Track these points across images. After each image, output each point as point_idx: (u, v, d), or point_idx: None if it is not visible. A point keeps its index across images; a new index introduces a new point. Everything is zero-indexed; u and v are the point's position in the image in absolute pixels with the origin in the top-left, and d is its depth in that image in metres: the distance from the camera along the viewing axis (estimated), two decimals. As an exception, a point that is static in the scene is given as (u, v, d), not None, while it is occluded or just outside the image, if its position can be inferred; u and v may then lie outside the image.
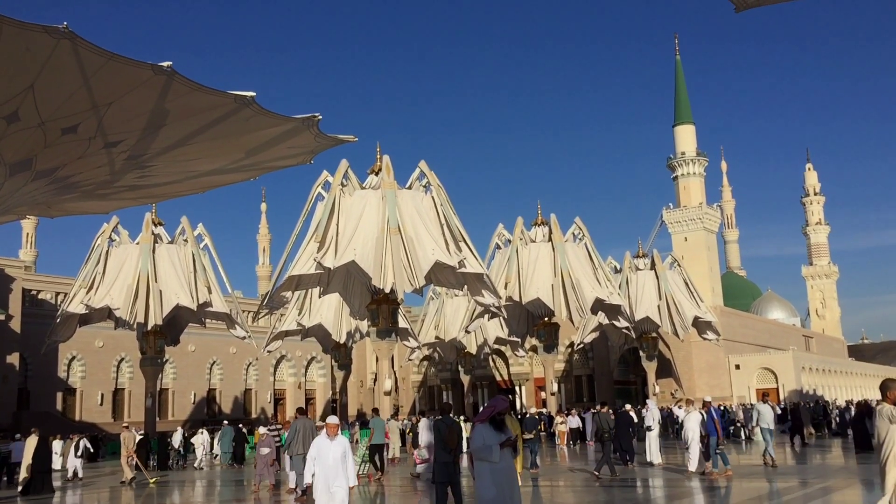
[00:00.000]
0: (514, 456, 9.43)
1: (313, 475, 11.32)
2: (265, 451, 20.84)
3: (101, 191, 35.27)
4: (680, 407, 23.66)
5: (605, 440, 21.82)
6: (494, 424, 9.51)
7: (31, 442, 23.11)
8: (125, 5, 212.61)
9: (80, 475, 29.26)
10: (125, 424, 31.10)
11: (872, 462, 19.50)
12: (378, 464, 23.27)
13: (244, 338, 50.55)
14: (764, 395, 21.49)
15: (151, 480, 25.29)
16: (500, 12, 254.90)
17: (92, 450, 40.88)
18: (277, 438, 25.21)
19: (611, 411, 25.88)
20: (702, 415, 19.83)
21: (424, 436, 23.85)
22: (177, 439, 37.80)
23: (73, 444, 30.76)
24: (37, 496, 22.25)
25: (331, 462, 11.14)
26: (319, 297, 51.52)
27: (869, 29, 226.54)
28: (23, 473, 23.06)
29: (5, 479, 28.46)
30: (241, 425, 41.72)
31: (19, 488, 23.34)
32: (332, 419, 11.72)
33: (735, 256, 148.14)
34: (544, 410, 51.45)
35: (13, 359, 56.84)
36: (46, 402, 60.28)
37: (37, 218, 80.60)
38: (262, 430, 22.33)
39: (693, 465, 20.22)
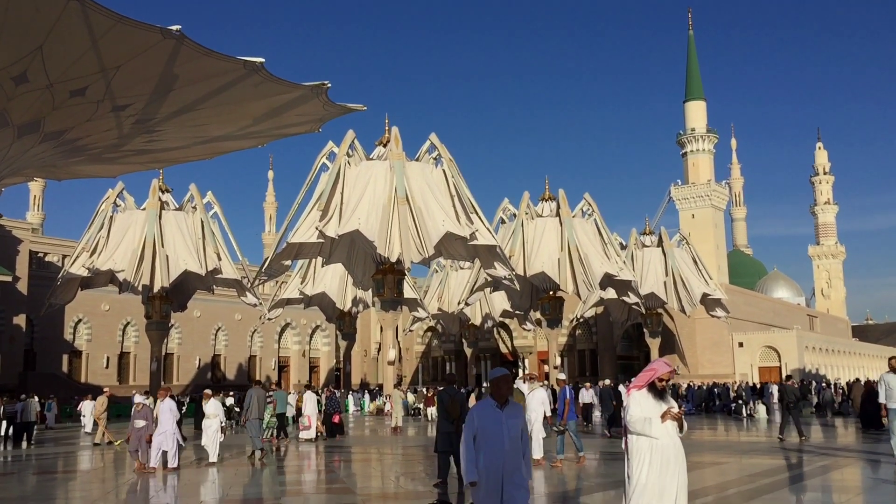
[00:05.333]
0: (679, 431, 7.79)
1: (477, 466, 6.93)
2: (140, 423, 17.83)
3: (108, 154, 35.30)
4: (524, 382, 20.38)
5: (790, 407, 23.72)
6: (654, 392, 7.92)
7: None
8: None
9: None
10: (105, 389, 31.26)
11: (883, 440, 19.71)
12: (282, 431, 25.98)
13: (255, 305, 50.87)
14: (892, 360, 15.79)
15: (117, 443, 25.61)
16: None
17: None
18: (272, 401, 26.47)
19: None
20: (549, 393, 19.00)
21: (308, 407, 26.72)
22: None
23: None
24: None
25: (506, 444, 6.97)
26: (322, 266, 51.64)
27: (883, 8, 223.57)
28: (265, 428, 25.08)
29: (12, 437, 28.66)
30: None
31: None
32: (501, 371, 7.44)
33: (742, 234, 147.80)
34: (545, 383, 51.69)
35: (20, 320, 57.23)
36: (52, 364, 60.78)
37: (44, 180, 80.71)
38: (138, 398, 19.28)
39: (537, 453, 16.91)
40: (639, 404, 7.75)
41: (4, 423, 28.80)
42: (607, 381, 28.81)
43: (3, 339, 55.55)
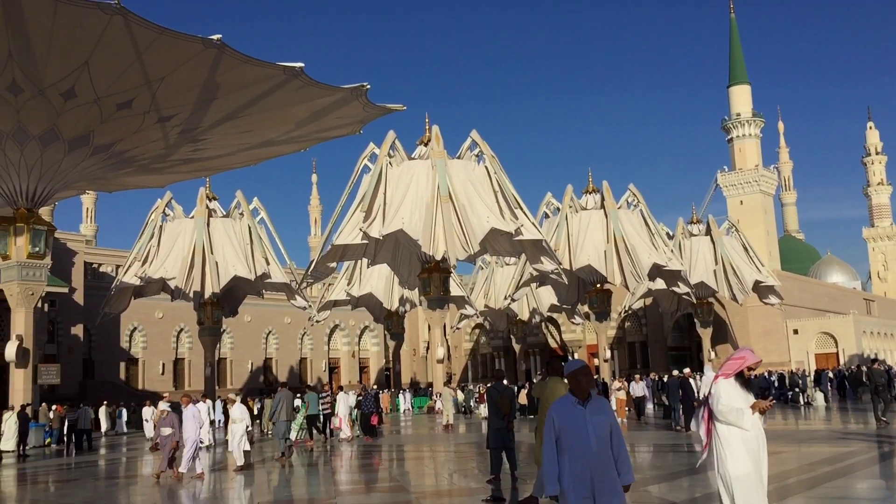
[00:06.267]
0: (762, 422, 7.47)
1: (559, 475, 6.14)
2: (167, 430, 17.24)
3: (156, 164, 35.91)
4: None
5: (879, 392, 24.42)
6: (742, 381, 7.42)
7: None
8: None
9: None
10: (164, 394, 31.86)
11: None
12: (316, 431, 26.26)
13: (305, 308, 51.45)
14: None
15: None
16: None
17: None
18: (327, 406, 26.56)
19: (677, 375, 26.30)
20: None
21: (341, 408, 27.28)
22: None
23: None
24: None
25: (594, 445, 6.11)
26: (368, 267, 51.97)
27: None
28: (296, 429, 25.44)
29: (73, 444, 29.47)
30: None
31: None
32: (579, 363, 6.51)
33: (793, 219, 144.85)
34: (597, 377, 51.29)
35: (77, 330, 58.65)
36: (110, 372, 62.17)
37: (96, 193, 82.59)
38: (162, 405, 18.48)
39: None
40: (728, 394, 7.44)
41: (66, 429, 29.75)
42: (676, 372, 27.39)
43: (62, 350, 57.00)
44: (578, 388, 6.31)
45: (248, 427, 19.48)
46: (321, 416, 26.60)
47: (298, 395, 29.63)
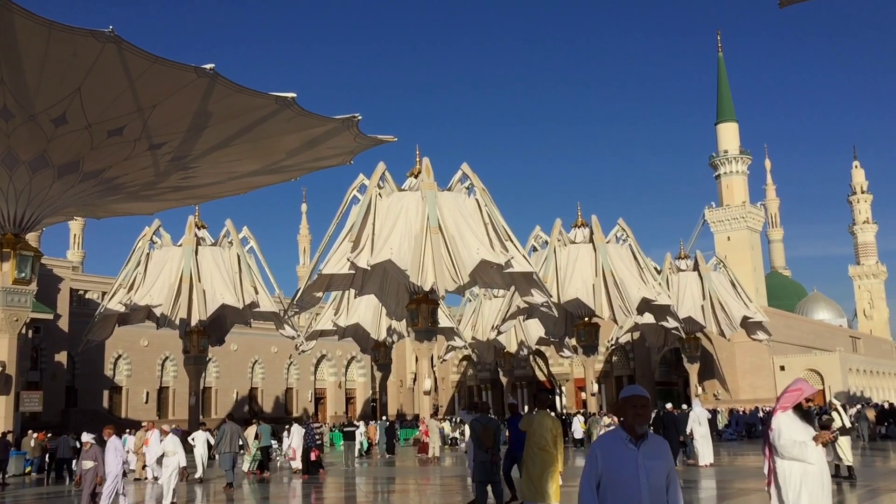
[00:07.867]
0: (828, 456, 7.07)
1: None
2: (88, 464, 15.78)
3: (145, 192, 35.90)
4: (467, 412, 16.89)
5: None
6: (800, 413, 7.03)
7: (252, 430, 25.91)
8: (161, 4, 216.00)
9: None
10: (144, 423, 31.64)
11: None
12: (265, 463, 26.18)
13: (294, 337, 51.17)
14: None
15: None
16: (541, 7, 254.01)
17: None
18: (319, 438, 26.26)
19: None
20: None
21: (295, 440, 26.53)
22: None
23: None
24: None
25: (645, 497, 4.97)
26: (355, 297, 51.84)
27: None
28: (249, 460, 25.63)
29: (53, 474, 29.03)
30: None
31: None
32: (635, 389, 5.64)
33: (780, 256, 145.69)
34: (582, 411, 51.14)
35: (61, 357, 58.08)
36: (93, 400, 61.48)
37: (84, 219, 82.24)
38: (85, 437, 16.80)
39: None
40: (789, 427, 7.20)
41: (48, 459, 29.38)
42: (685, 406, 26.76)
43: (45, 377, 56.38)
44: (636, 420, 5.12)
45: (180, 463, 17.88)
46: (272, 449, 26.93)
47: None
